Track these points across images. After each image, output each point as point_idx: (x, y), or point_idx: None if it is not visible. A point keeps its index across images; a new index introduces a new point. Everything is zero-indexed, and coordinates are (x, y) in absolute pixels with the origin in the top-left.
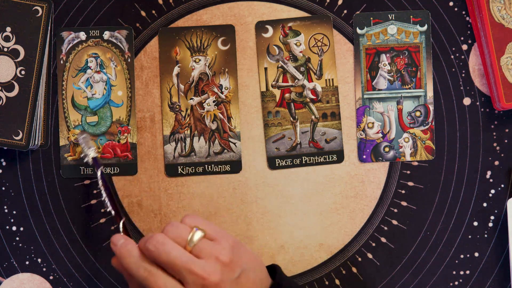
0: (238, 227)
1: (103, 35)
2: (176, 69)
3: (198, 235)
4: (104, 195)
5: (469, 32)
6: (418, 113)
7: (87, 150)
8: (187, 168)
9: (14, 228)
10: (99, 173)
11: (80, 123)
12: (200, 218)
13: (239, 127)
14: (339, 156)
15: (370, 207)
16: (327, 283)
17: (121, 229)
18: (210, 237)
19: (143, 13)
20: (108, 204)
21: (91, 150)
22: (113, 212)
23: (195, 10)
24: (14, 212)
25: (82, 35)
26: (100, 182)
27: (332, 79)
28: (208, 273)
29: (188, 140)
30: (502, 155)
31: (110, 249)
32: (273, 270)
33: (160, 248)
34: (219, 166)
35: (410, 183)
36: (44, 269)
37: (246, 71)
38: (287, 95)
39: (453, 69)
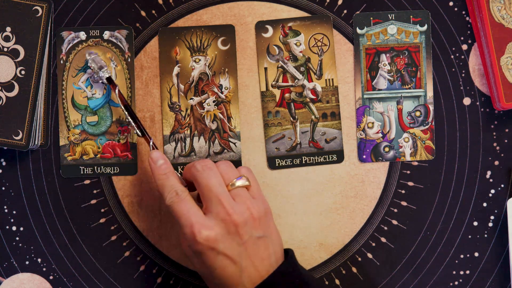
0: None
1: (103, 35)
2: (176, 69)
3: (241, 182)
4: (127, 115)
5: (469, 32)
6: (418, 113)
7: (100, 71)
8: None
9: (14, 228)
10: (117, 92)
11: (80, 123)
12: (253, 175)
13: (239, 127)
14: (339, 156)
15: (370, 207)
16: (327, 283)
17: (150, 147)
18: (251, 193)
19: (143, 13)
20: (134, 124)
21: (103, 70)
22: (139, 133)
23: (195, 10)
24: (14, 212)
25: (82, 35)
26: (119, 102)
27: (332, 79)
28: (234, 211)
29: (188, 140)
30: (502, 155)
31: (110, 249)
32: (286, 253)
33: (206, 170)
34: None
35: (410, 183)
36: (44, 269)
37: (246, 71)
38: (287, 95)
39: (453, 69)
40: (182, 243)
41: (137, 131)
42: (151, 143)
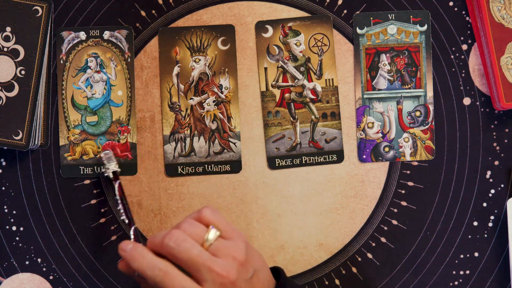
0: (238, 227)
1: (103, 35)
2: (176, 69)
3: (214, 234)
4: (120, 205)
5: (469, 32)
6: (418, 113)
7: (109, 165)
8: (187, 168)
9: (14, 228)
10: (117, 185)
11: (80, 123)
12: (218, 214)
13: (239, 127)
14: (339, 156)
15: (370, 207)
16: (327, 283)
17: (132, 236)
18: (224, 236)
19: (143, 13)
20: (123, 213)
21: (112, 164)
22: (126, 221)
23: (195, 10)
24: (14, 212)
25: (82, 35)
26: (117, 193)
27: (332, 79)
28: (227, 272)
29: (188, 140)
30: (502, 155)
31: (110, 249)
32: (276, 272)
33: (181, 245)
34: (219, 166)
35: (410, 183)
36: (44, 269)
37: (246, 71)
38: (287, 95)
39: (453, 69)
40: None
41: (125, 219)
42: (132, 231)
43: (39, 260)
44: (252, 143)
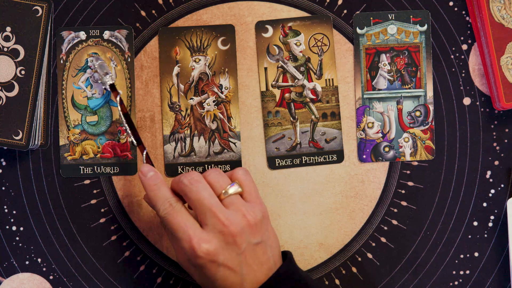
0: None
1: (103, 35)
2: (176, 69)
3: (234, 189)
4: (125, 123)
5: (469, 32)
6: (418, 113)
7: (104, 77)
8: (187, 168)
9: (14, 228)
10: (118, 100)
11: (80, 123)
12: (249, 176)
13: (239, 127)
14: (339, 156)
15: (370, 207)
16: (327, 283)
17: (144, 160)
18: (246, 198)
19: (143, 13)
20: (130, 133)
21: (108, 76)
22: (135, 142)
23: (195, 10)
24: (14, 212)
25: (82, 35)
26: (119, 108)
27: (332, 79)
28: (230, 222)
29: (188, 140)
30: (502, 155)
31: (110, 249)
32: (285, 256)
33: (194, 184)
34: (219, 166)
35: (410, 183)
36: (44, 269)
37: (246, 71)
38: (287, 95)
39: (453, 69)
40: (179, 256)
41: (133, 140)
42: (144, 154)
43: (39, 260)
44: (252, 143)
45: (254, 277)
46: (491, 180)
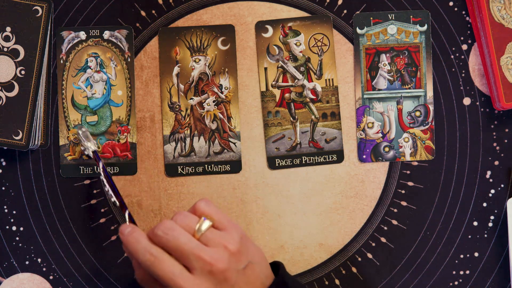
0: None
1: (103, 35)
2: (176, 69)
3: (206, 224)
4: (107, 187)
5: (469, 32)
6: (418, 113)
7: (87, 144)
8: (187, 168)
9: (14, 228)
10: (101, 166)
11: (80, 123)
12: (212, 206)
13: (239, 127)
14: (339, 156)
15: (370, 207)
16: (327, 283)
17: (127, 220)
18: (219, 227)
19: (143, 13)
20: (112, 195)
21: (91, 143)
22: (117, 203)
23: (195, 10)
24: (14, 212)
25: (82, 35)
26: (102, 174)
27: (332, 79)
28: (216, 260)
29: (188, 140)
30: (502, 155)
31: (110, 249)
32: (276, 267)
33: (169, 233)
34: (219, 166)
35: (410, 183)
36: (44, 269)
37: (246, 71)
38: (287, 95)
39: (453, 69)
40: None
41: (116, 201)
42: (126, 215)
43: (39, 260)
44: (252, 143)
45: None
46: (491, 180)
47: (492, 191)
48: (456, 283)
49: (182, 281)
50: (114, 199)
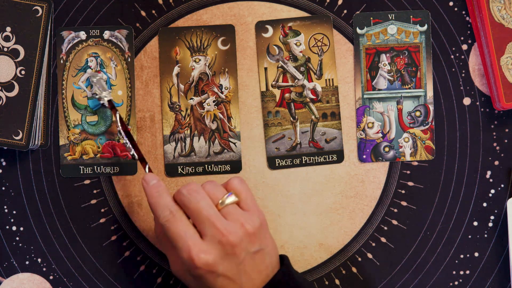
0: None
1: (103, 35)
2: (176, 69)
3: (231, 199)
4: (126, 139)
5: (469, 32)
6: (418, 113)
7: (103, 92)
8: (187, 168)
9: (14, 228)
10: (118, 116)
11: (80, 123)
12: (245, 185)
13: (239, 127)
14: (339, 156)
15: (370, 207)
16: (327, 283)
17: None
18: (243, 207)
19: (143, 13)
20: (131, 148)
21: (106, 92)
22: (136, 156)
23: (195, 10)
24: (14, 212)
25: (82, 35)
26: (119, 125)
27: (332, 79)
28: (229, 232)
29: (188, 140)
30: (502, 155)
31: (110, 249)
32: (281, 260)
33: (193, 194)
34: (219, 166)
35: (410, 183)
36: (44, 269)
37: (246, 71)
38: (287, 95)
39: (453, 69)
40: (175, 265)
41: (135, 154)
42: (147, 167)
43: (39, 260)
44: (252, 143)
45: (252, 285)
46: (491, 180)
47: (492, 191)
48: (456, 283)
49: (192, 242)
50: (133, 151)
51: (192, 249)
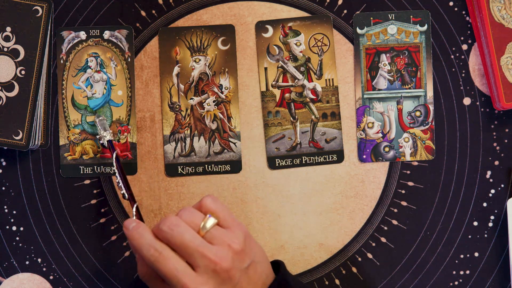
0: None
1: (103, 35)
2: (176, 69)
3: (211, 222)
4: (118, 179)
5: (469, 32)
6: (418, 113)
7: (104, 132)
8: (187, 168)
9: (14, 228)
10: (114, 156)
11: (80, 123)
12: (219, 203)
13: (239, 127)
14: (339, 156)
15: (370, 207)
16: (327, 283)
17: (134, 213)
18: (223, 225)
19: (143, 13)
20: (122, 187)
21: (107, 132)
22: (127, 196)
23: (195, 10)
24: (14, 212)
25: (82, 35)
26: (115, 165)
27: (332, 79)
28: (220, 258)
29: (188, 140)
30: (502, 155)
31: (110, 249)
32: (277, 265)
33: (174, 229)
34: (219, 166)
35: (410, 183)
36: (44, 269)
37: (246, 71)
38: (287, 95)
39: (453, 69)
40: None
41: (125, 193)
42: (134, 207)
43: (39, 260)
44: (252, 143)
45: None
46: (491, 180)
47: (492, 191)
48: (456, 283)
49: (186, 278)
50: (124, 191)
51: (189, 286)
